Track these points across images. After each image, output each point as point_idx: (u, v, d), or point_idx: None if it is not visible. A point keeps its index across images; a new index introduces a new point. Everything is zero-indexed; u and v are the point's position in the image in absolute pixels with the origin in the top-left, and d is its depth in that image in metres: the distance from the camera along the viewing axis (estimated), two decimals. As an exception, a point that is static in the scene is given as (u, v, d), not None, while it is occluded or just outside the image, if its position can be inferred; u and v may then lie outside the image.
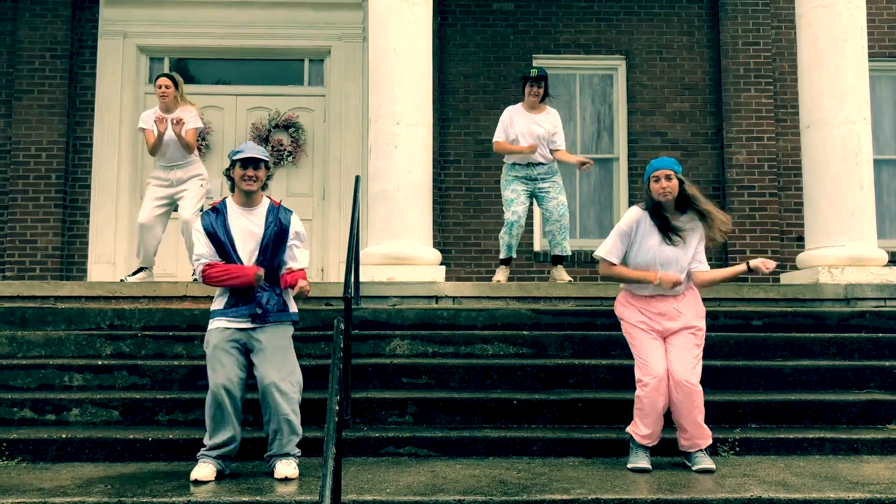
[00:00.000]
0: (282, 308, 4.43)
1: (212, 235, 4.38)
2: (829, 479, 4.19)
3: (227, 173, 4.50)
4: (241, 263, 4.36)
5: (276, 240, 4.42)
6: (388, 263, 6.75)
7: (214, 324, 4.40)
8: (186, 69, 10.08)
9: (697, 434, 4.43)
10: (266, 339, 4.34)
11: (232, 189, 4.51)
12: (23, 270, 9.36)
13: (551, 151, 7.26)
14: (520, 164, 7.21)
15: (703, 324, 4.58)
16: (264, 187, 4.53)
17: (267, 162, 4.47)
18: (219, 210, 4.44)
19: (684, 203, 4.57)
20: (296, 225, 4.53)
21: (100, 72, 9.78)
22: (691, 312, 4.55)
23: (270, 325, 4.38)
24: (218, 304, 4.42)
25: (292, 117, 9.91)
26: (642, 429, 4.46)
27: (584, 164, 7.20)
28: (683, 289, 4.59)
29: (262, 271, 4.28)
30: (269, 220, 4.44)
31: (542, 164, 7.22)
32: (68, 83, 9.64)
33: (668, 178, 4.51)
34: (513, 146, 7.16)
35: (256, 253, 4.39)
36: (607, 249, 4.62)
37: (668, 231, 4.52)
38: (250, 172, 4.38)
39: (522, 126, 7.19)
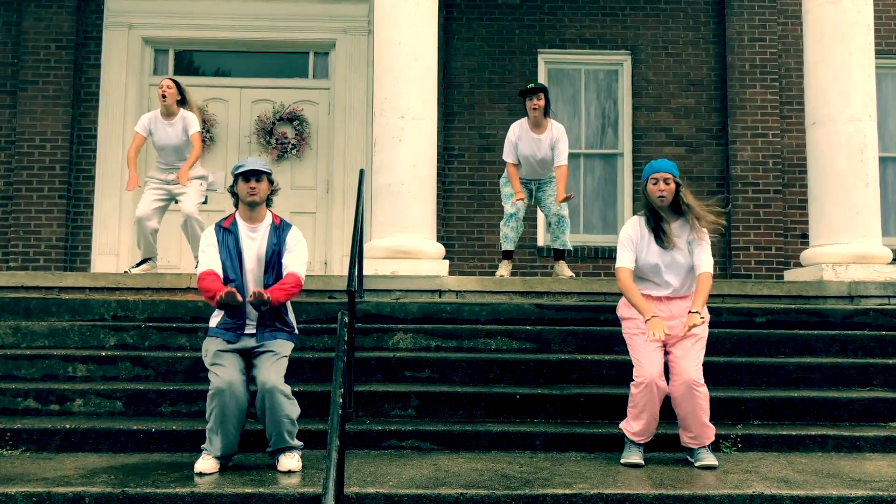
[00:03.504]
0: (279, 327, 4.47)
1: (223, 255, 4.45)
2: (831, 476, 4.19)
3: (232, 190, 4.57)
4: (245, 283, 4.42)
5: (278, 259, 4.49)
6: (392, 257, 6.76)
7: (211, 339, 4.44)
8: (191, 61, 10.09)
9: (702, 433, 4.43)
10: (265, 346, 4.39)
11: (236, 205, 4.58)
12: (27, 261, 9.38)
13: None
14: (522, 178, 7.28)
15: (706, 329, 4.56)
16: (269, 203, 4.60)
17: (269, 175, 4.53)
18: (231, 231, 4.49)
19: (680, 207, 4.57)
20: (291, 238, 4.54)
21: (105, 63, 9.78)
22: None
23: (269, 337, 4.42)
24: (213, 322, 4.47)
25: (297, 110, 9.90)
26: (633, 426, 4.49)
27: (565, 198, 6.98)
28: (690, 290, 4.56)
29: (231, 292, 4.23)
30: (270, 240, 4.50)
31: (541, 179, 7.31)
32: (73, 74, 9.64)
33: (666, 181, 4.52)
34: (513, 178, 7.12)
35: (262, 275, 4.45)
36: (621, 258, 4.60)
37: (660, 234, 4.52)
38: (253, 184, 4.45)
39: (526, 148, 7.14)
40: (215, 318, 4.48)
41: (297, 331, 4.62)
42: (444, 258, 7.04)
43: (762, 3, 9.88)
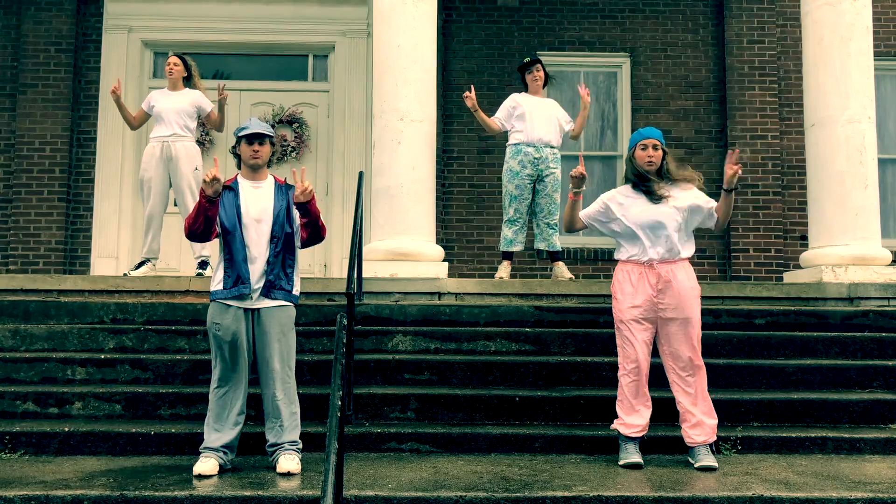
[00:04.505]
0: (286, 287, 4.42)
1: (230, 213, 4.38)
2: (832, 479, 4.18)
3: (234, 151, 4.57)
4: (245, 236, 4.34)
5: (287, 217, 4.43)
6: (391, 259, 6.75)
7: (216, 304, 4.36)
8: (190, 64, 10.09)
9: (709, 413, 4.46)
10: (269, 321, 4.34)
11: (238, 165, 4.57)
12: (26, 264, 9.37)
13: (567, 133, 7.44)
14: (527, 145, 7.19)
15: (698, 309, 4.56)
16: (269, 164, 4.59)
17: (272, 137, 4.52)
18: (232, 188, 4.45)
19: (666, 174, 4.68)
20: None
21: (104, 66, 9.78)
22: (688, 285, 4.53)
23: (274, 307, 4.37)
24: (217, 284, 4.39)
25: (296, 113, 9.91)
26: (625, 418, 4.52)
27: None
28: (680, 255, 4.58)
29: (213, 176, 4.21)
30: (277, 198, 4.45)
31: (552, 146, 7.25)
32: (73, 77, 9.65)
33: (654, 147, 4.61)
34: (484, 115, 7.34)
35: (269, 231, 4.39)
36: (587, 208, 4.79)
37: (652, 190, 4.58)
38: (256, 147, 4.43)
39: (531, 105, 7.25)
40: (219, 280, 4.39)
41: (298, 291, 4.51)
42: (444, 260, 7.04)
43: (761, 4, 9.89)
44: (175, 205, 7.46)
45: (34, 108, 9.56)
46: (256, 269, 4.35)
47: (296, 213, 4.47)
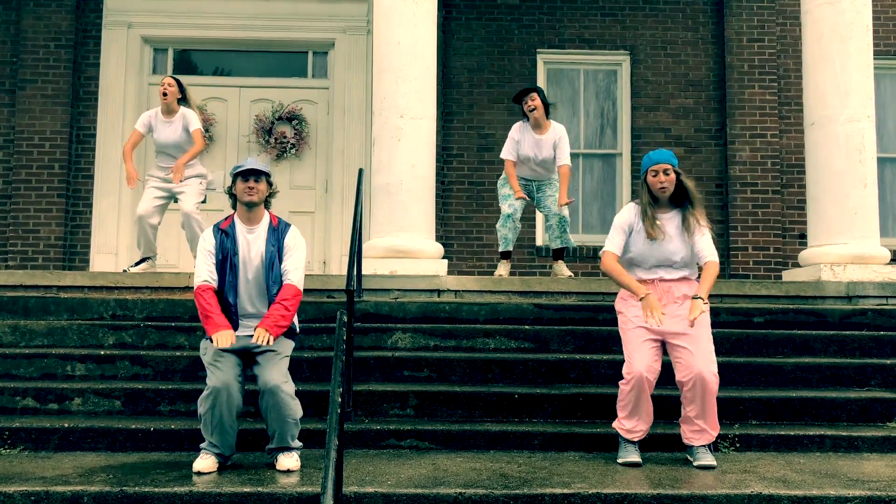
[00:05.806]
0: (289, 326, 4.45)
1: (218, 257, 4.42)
2: (829, 476, 4.19)
3: (230, 191, 4.54)
4: (240, 284, 4.40)
5: (277, 260, 4.45)
6: (391, 256, 6.76)
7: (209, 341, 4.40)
8: (190, 60, 10.09)
9: (712, 426, 4.43)
10: (267, 355, 4.33)
11: (234, 206, 4.55)
12: (25, 260, 9.38)
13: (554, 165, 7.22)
14: (522, 178, 7.26)
15: (706, 321, 4.54)
16: (267, 205, 4.57)
17: (268, 175, 4.50)
18: (228, 233, 4.45)
19: (681, 197, 4.58)
20: (290, 240, 4.51)
21: (104, 62, 9.78)
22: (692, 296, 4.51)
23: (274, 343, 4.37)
24: None
25: (296, 109, 9.90)
26: (625, 423, 4.51)
27: (565, 203, 7.05)
28: (689, 274, 4.59)
29: (229, 338, 4.26)
30: (269, 242, 4.45)
31: (541, 181, 7.29)
32: (72, 73, 9.64)
33: (665, 172, 4.50)
34: (511, 178, 7.08)
35: (261, 278, 4.42)
36: (610, 241, 4.64)
37: (650, 234, 4.51)
38: (251, 184, 4.41)
39: (527, 149, 7.12)
40: None
41: (298, 330, 4.59)
42: (443, 258, 7.05)
43: (761, 3, 9.89)
44: (175, 201, 7.46)
45: (33, 104, 9.55)
46: (253, 317, 4.42)
47: (286, 256, 4.45)
